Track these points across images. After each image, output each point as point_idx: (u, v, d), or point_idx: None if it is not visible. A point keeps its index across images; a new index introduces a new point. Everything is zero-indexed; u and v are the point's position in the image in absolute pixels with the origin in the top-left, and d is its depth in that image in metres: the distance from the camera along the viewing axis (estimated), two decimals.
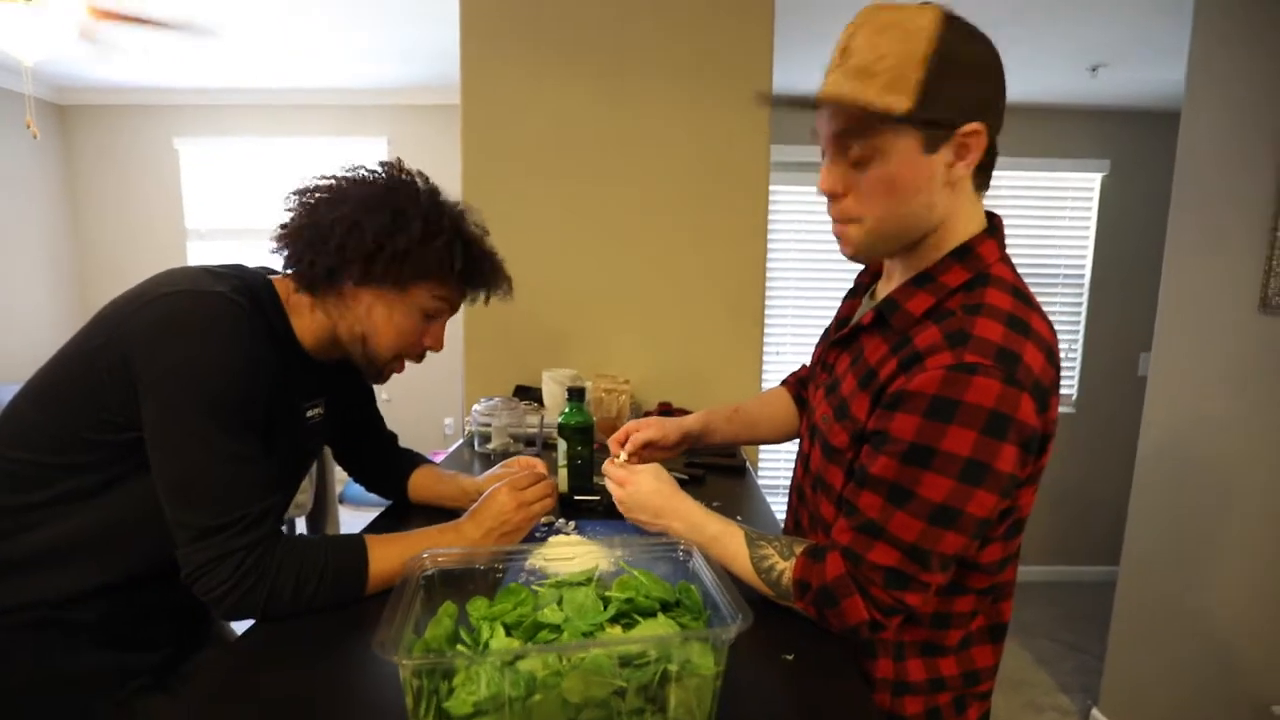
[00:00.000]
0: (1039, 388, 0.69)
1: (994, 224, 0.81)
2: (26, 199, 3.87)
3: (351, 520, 3.68)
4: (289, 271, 0.91)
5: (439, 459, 1.32)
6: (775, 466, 3.45)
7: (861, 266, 1.03)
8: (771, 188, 1.89)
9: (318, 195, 0.89)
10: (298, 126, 4.04)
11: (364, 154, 0.95)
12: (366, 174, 0.91)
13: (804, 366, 1.24)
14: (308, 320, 0.91)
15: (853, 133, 0.73)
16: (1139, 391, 2.03)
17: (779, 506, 1.24)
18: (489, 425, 1.56)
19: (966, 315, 0.71)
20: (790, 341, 3.50)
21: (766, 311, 1.94)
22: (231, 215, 4.14)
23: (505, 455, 1.53)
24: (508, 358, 1.91)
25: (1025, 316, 0.72)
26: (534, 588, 0.75)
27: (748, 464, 1.50)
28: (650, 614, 0.66)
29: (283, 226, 0.90)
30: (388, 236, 0.86)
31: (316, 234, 0.86)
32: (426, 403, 4.08)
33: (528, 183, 1.86)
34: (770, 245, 1.91)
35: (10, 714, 0.79)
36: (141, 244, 4.14)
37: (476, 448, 1.58)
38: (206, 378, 0.74)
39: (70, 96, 3.99)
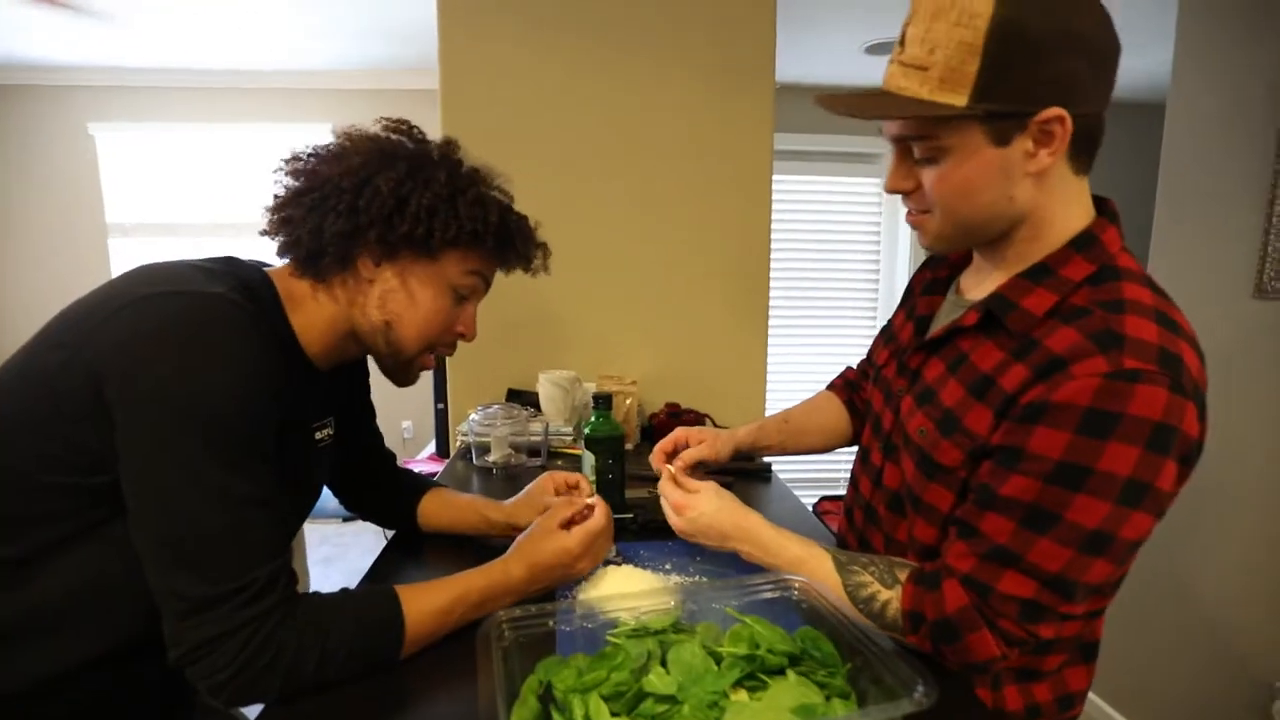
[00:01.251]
0: (1199, 393, 0.61)
1: (1108, 209, 0.73)
2: None
3: (310, 535, 3.42)
4: (288, 257, 0.75)
5: (410, 468, 1.16)
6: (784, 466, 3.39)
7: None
8: (775, 177, 1.80)
9: (314, 159, 0.74)
10: (229, 112, 3.71)
11: (304, 141, 0.79)
12: (367, 132, 0.76)
13: (849, 369, 1.15)
14: (313, 315, 0.75)
15: (912, 132, 0.68)
16: None
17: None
18: (487, 435, 1.42)
19: (1109, 313, 0.63)
20: (790, 336, 3.42)
21: (771, 305, 1.85)
22: (159, 209, 3.78)
23: (508, 468, 1.39)
24: (494, 357, 1.75)
25: (1171, 313, 0.64)
26: (609, 638, 0.63)
27: (771, 466, 1.41)
28: (778, 672, 0.56)
29: (276, 198, 0.73)
30: (410, 190, 0.71)
31: (321, 198, 0.71)
32: (381, 403, 3.80)
33: (515, 172, 1.69)
34: (773, 237, 1.81)
35: None
36: (56, 241, 3.73)
37: (474, 460, 1.44)
38: (205, 401, 0.58)
39: None
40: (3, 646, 0.63)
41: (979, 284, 0.79)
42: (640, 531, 1.03)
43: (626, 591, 0.76)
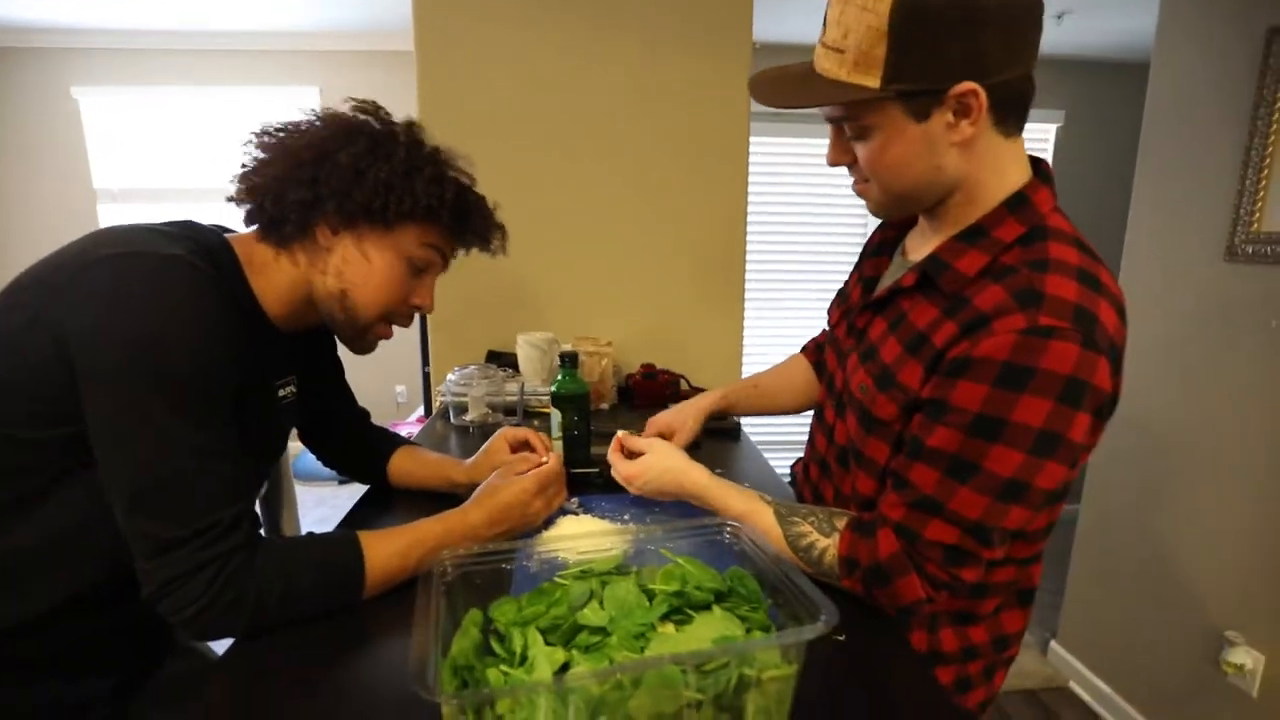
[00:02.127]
0: (1114, 349, 0.64)
1: (1042, 170, 0.75)
2: None
3: (306, 496, 3.49)
4: (254, 225, 0.77)
5: (399, 430, 1.20)
6: (762, 423, 3.43)
7: (848, 227, 0.98)
8: (755, 139, 1.80)
9: (281, 133, 0.76)
10: (216, 75, 3.67)
11: (294, 104, 0.81)
12: (336, 111, 0.78)
13: (823, 332, 1.18)
14: (274, 279, 0.78)
15: (837, 114, 0.72)
16: None
17: (776, 465, 1.20)
18: (465, 395, 1.45)
19: (1033, 272, 0.65)
20: (773, 298, 3.42)
21: (752, 268, 1.87)
22: (149, 174, 3.76)
23: (484, 426, 1.43)
24: (476, 322, 1.78)
25: (1094, 271, 0.66)
26: (558, 579, 0.67)
27: (741, 425, 1.44)
28: (704, 607, 0.60)
29: (242, 167, 0.76)
30: (368, 164, 0.74)
31: (285, 168, 0.74)
32: (377, 369, 3.85)
33: (491, 141, 1.71)
34: (755, 200, 1.82)
35: None
36: (45, 207, 3.73)
37: (452, 420, 1.47)
38: (164, 358, 0.61)
39: None
40: None
41: (921, 246, 0.81)
42: (605, 485, 1.07)
43: (577, 533, 0.80)
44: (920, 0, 0.61)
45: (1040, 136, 3.34)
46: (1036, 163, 0.75)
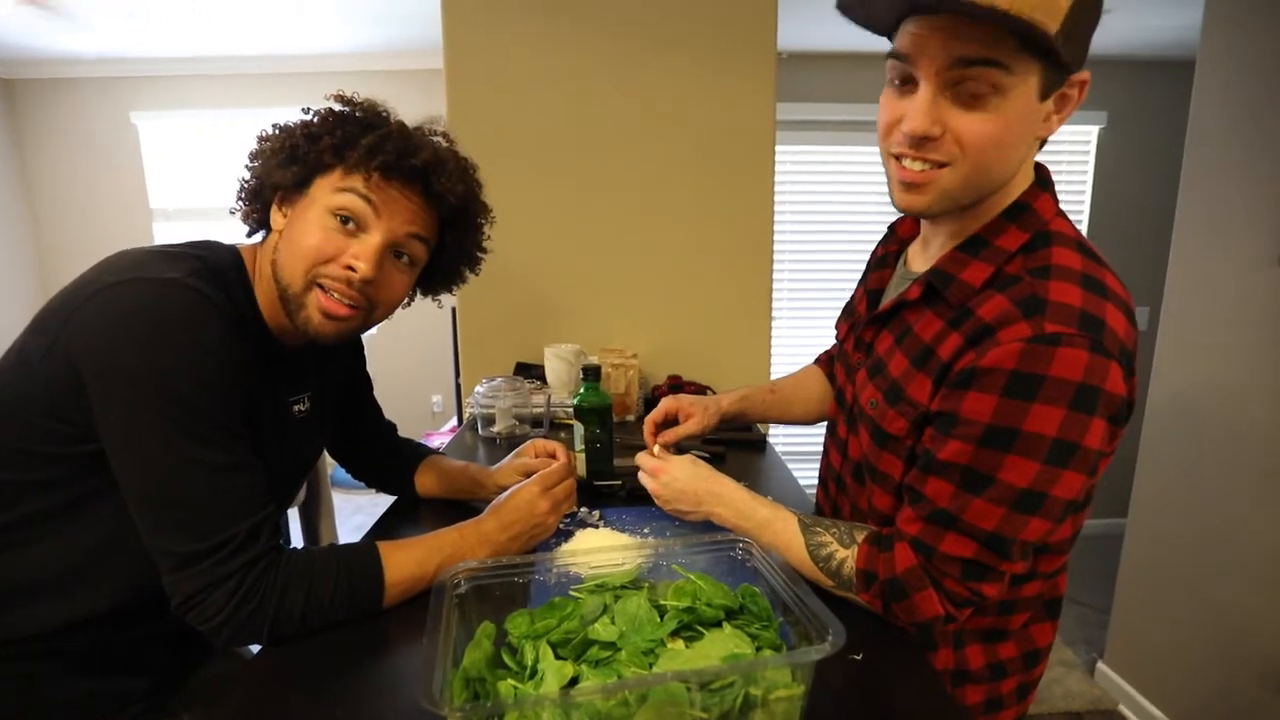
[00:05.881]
0: (1125, 353, 0.62)
1: (1043, 175, 0.74)
2: None
3: (344, 505, 3.58)
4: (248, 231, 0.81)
5: (432, 440, 1.24)
6: (785, 437, 3.40)
7: (879, 235, 0.95)
8: (783, 148, 1.79)
9: (268, 140, 0.80)
10: (263, 97, 3.81)
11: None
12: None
13: (836, 344, 1.17)
14: (265, 285, 0.79)
15: (980, 58, 0.59)
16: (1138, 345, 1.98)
17: (802, 478, 1.19)
18: (492, 407, 1.48)
19: (1035, 279, 0.64)
20: (794, 309, 3.39)
21: (779, 278, 1.86)
22: (199, 193, 3.93)
23: (511, 438, 1.45)
24: (506, 334, 1.81)
25: (1099, 275, 0.65)
26: (572, 593, 0.67)
27: (767, 438, 1.43)
28: (715, 624, 0.59)
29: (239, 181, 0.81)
30: (289, 131, 0.76)
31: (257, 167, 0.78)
32: (413, 380, 3.96)
33: (520, 150, 1.74)
34: (784, 209, 1.81)
35: None
36: (105, 227, 3.92)
37: (480, 431, 1.50)
38: (167, 380, 0.63)
39: (17, 70, 3.73)
40: (22, 597, 0.71)
41: (923, 257, 0.80)
42: (628, 498, 1.08)
43: (594, 547, 0.81)
44: None
45: (1081, 139, 3.24)
46: (1038, 169, 0.74)
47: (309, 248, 0.74)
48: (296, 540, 1.52)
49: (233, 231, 0.85)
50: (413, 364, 3.83)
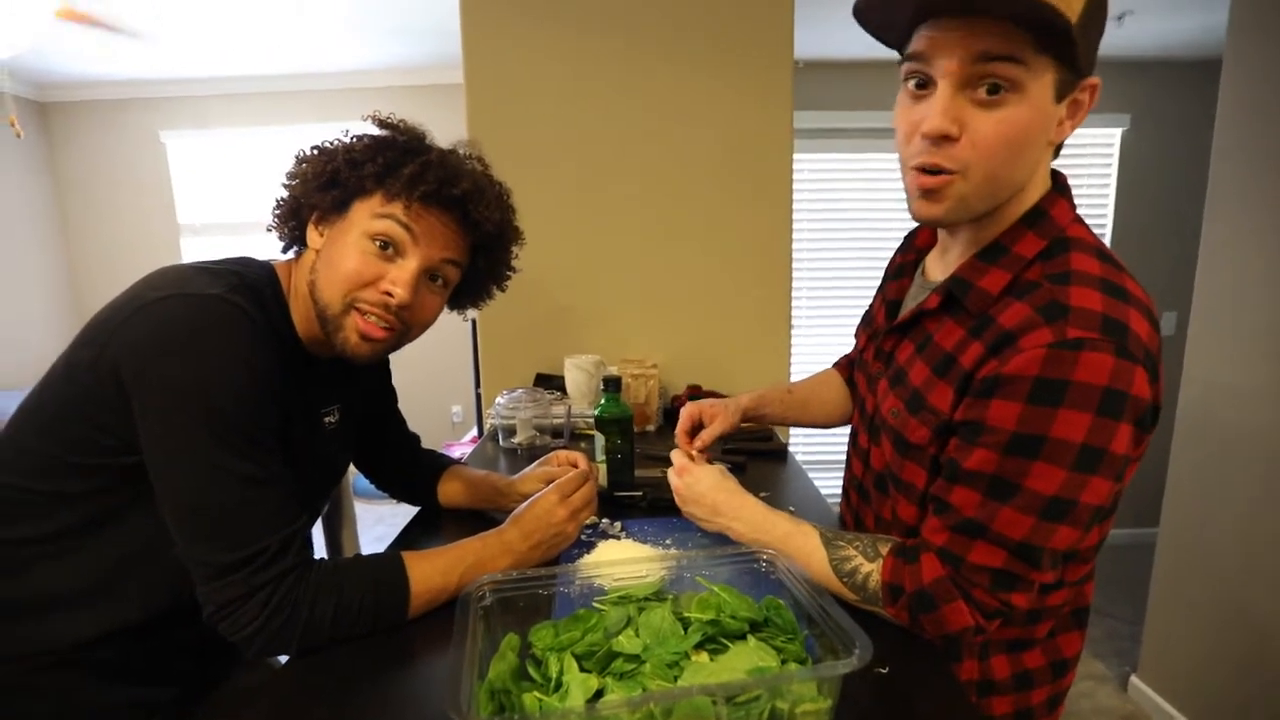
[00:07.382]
0: (1149, 357, 0.61)
1: (1059, 182, 0.73)
2: (12, 201, 3.74)
3: (365, 515, 3.61)
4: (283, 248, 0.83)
5: (453, 450, 1.24)
6: (806, 445, 3.37)
7: (898, 242, 0.95)
8: (801, 156, 1.79)
9: (305, 162, 0.81)
10: (286, 115, 3.90)
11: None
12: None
13: (855, 350, 1.16)
14: (301, 302, 0.81)
15: (1000, 53, 0.59)
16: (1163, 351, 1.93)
17: (824, 487, 1.18)
18: (513, 418, 1.48)
19: (1055, 285, 0.63)
20: (813, 318, 3.37)
21: (799, 287, 1.85)
22: (226, 209, 4.02)
23: (532, 449, 1.46)
24: (526, 345, 1.82)
25: (1119, 280, 0.64)
26: (596, 605, 0.68)
27: (788, 447, 1.42)
28: (739, 637, 0.59)
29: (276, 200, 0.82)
30: (331, 154, 0.78)
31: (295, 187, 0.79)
32: (433, 391, 4.00)
33: (539, 162, 1.76)
34: (803, 217, 1.80)
35: None
36: (134, 242, 4.03)
37: (501, 442, 1.51)
38: (207, 394, 0.65)
39: (52, 93, 3.85)
40: (60, 607, 0.72)
41: (941, 266, 0.80)
42: (649, 509, 1.08)
43: (616, 559, 0.81)
44: None
45: (1105, 141, 3.20)
46: (1054, 175, 0.74)
47: (348, 271, 0.76)
48: (319, 550, 1.54)
49: (258, 245, 0.87)
50: (432, 374, 3.86)
